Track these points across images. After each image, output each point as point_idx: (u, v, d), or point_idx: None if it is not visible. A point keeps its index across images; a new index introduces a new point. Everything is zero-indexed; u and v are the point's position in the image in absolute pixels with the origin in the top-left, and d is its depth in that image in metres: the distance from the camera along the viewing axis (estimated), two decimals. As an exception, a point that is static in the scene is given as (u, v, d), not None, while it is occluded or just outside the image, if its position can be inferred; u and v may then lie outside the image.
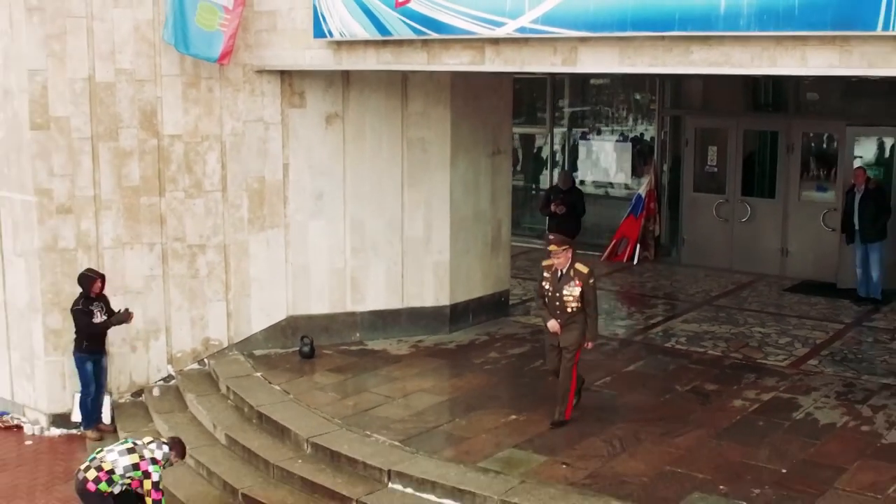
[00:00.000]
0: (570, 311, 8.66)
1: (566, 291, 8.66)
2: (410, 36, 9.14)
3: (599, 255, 15.97)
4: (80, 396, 10.46)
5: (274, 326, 11.22)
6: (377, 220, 11.40)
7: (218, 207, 10.89)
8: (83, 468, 7.77)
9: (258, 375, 10.33)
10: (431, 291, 11.69)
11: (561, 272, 8.72)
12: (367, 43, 9.61)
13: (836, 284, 13.94)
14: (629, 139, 16.94)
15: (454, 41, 8.94)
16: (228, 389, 10.09)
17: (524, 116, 17.44)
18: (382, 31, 9.28)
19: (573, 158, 17.44)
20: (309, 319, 11.27)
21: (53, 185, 10.36)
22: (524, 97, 17.02)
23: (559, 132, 17.67)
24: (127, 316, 10.17)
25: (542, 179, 17.95)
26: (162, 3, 10.31)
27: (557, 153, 17.74)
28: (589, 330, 8.74)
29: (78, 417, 10.58)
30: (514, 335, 11.77)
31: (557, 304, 8.70)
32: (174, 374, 10.93)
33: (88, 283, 10.04)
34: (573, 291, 8.63)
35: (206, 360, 10.98)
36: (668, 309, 13.23)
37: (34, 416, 10.93)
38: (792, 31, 7.22)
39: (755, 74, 9.61)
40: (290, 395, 9.76)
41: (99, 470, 7.61)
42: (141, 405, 10.70)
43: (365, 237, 11.39)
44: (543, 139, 17.90)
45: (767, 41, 7.38)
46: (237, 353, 11.01)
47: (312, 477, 8.23)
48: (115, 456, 7.66)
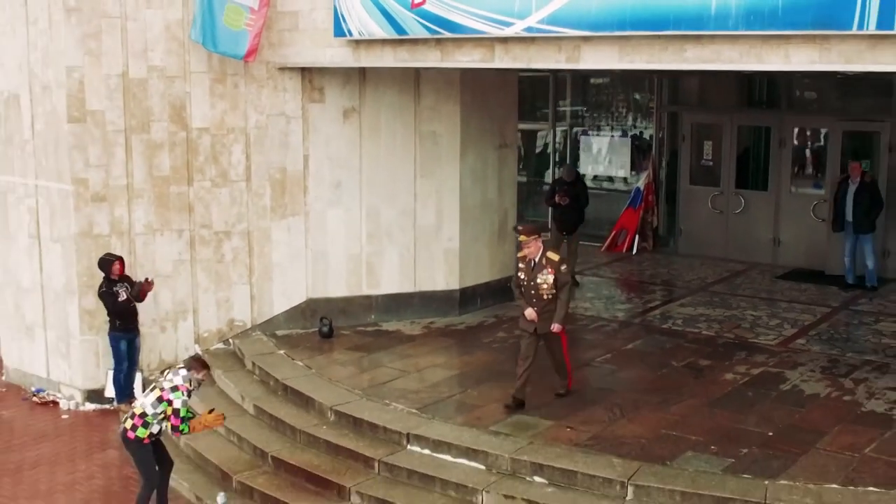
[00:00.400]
0: (545, 298, 9.04)
1: (540, 279, 9.05)
2: (425, 35, 9.84)
3: (600, 245, 16.68)
4: (113, 373, 11.18)
5: (294, 308, 11.93)
6: (391, 208, 12.11)
7: (242, 196, 11.59)
8: (122, 420, 8.47)
9: (281, 353, 11.03)
10: (442, 276, 12.39)
11: (534, 261, 9.09)
12: (384, 42, 10.31)
13: (824, 272, 14.63)
14: (628, 135, 17.65)
15: (466, 40, 9.65)
16: (254, 365, 10.80)
17: (527, 114, 18.11)
18: (399, 30, 9.99)
19: (574, 154, 18.13)
20: (327, 302, 11.97)
21: (89, 174, 11.07)
22: (527, 95, 17.69)
23: (561, 129, 18.38)
24: (146, 285, 10.81)
25: (545, 175, 18.62)
26: (191, 3, 11.00)
27: (559, 149, 18.43)
28: (557, 313, 9.05)
29: (111, 393, 11.29)
30: (518, 318, 12.42)
31: (533, 292, 9.09)
32: (201, 352, 11.60)
33: (108, 266, 10.72)
34: (547, 279, 9.03)
35: (230, 339, 11.67)
36: (665, 294, 13.94)
37: (69, 392, 11.63)
38: (776, 30, 7.94)
39: (744, 70, 10.26)
40: (312, 369, 10.47)
41: (133, 417, 8.26)
42: (170, 381, 11.38)
43: (380, 225, 12.09)
44: (546, 136, 18.59)
45: (754, 40, 8.10)
46: (260, 333, 11.72)
47: (337, 441, 8.94)
48: (143, 399, 8.31)
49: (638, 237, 16.56)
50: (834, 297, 13.59)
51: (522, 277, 9.20)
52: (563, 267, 9.13)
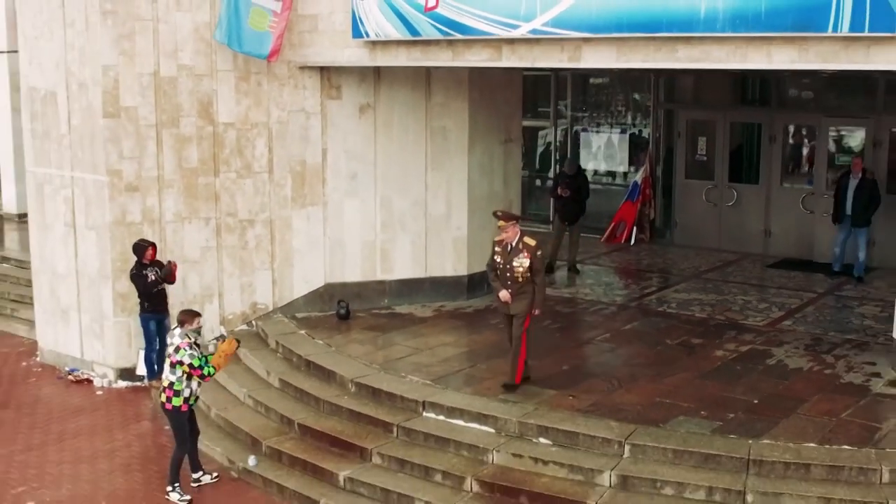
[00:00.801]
0: (520, 281, 9.49)
1: (516, 263, 9.49)
2: (437, 36, 10.64)
3: (600, 236, 17.47)
4: (144, 352, 11.95)
5: (313, 292, 12.72)
6: (404, 199, 12.90)
7: (265, 187, 12.38)
8: (159, 396, 9.26)
9: (302, 333, 11.83)
10: (451, 263, 13.18)
11: (511, 245, 9.54)
12: (398, 42, 11.10)
13: (812, 260, 15.42)
14: (626, 132, 18.43)
15: (476, 41, 10.45)
16: (277, 344, 11.59)
17: (530, 112, 18.87)
18: (413, 32, 10.78)
19: (575, 150, 18.91)
20: (343, 286, 12.76)
21: (123, 166, 11.86)
22: (530, 94, 18.45)
23: (561, 126, 19.16)
24: (172, 266, 11.58)
25: (548, 170, 19.37)
26: (218, 6, 11.79)
27: (560, 145, 19.20)
28: (536, 298, 9.54)
29: (142, 371, 12.06)
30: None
31: (508, 275, 9.53)
32: (226, 333, 12.34)
33: (142, 250, 11.50)
34: (523, 263, 9.46)
35: (253, 321, 12.46)
36: (661, 281, 14.75)
37: (103, 370, 12.42)
38: (759, 32, 8.74)
39: (731, 69, 11.02)
40: (332, 347, 11.26)
41: (164, 391, 9.07)
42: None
43: (393, 214, 12.88)
44: (546, 135, 19.38)
45: (739, 41, 8.89)
46: (281, 315, 12.50)
47: (358, 409, 9.74)
48: (166, 373, 9.07)
49: (636, 229, 17.36)
50: (820, 283, 14.39)
51: (499, 261, 9.63)
52: (538, 252, 9.54)
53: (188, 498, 9.09)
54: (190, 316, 9.15)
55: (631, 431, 8.64)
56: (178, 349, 8.92)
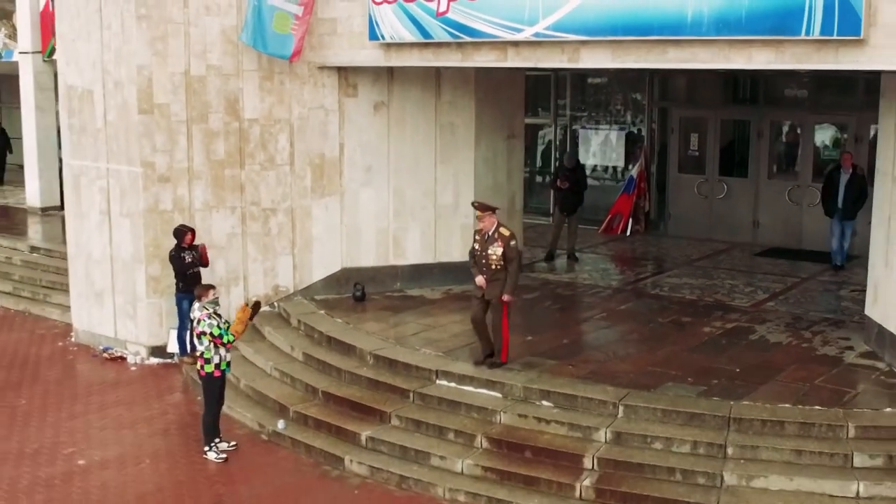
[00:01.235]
0: (494, 268, 10.12)
1: (491, 251, 10.12)
2: (448, 39, 11.58)
3: (597, 228, 18.42)
4: (176, 330, 12.90)
5: (331, 276, 13.68)
6: (415, 189, 13.86)
7: (287, 178, 13.35)
8: (196, 366, 10.21)
9: (321, 313, 12.78)
10: (459, 249, 14.09)
11: (488, 234, 10.19)
12: (412, 45, 12.06)
13: (799, 250, 16.38)
14: (623, 130, 19.39)
15: (483, 43, 11.40)
16: (299, 322, 12.54)
17: (531, 110, 19.81)
18: (425, 35, 11.74)
19: (574, 147, 19.85)
20: (359, 271, 13.72)
21: (156, 158, 12.82)
22: (531, 93, 19.37)
23: (561, 124, 20.12)
24: (201, 248, 12.53)
25: (550, 165, 20.32)
26: (244, 11, 12.74)
27: (560, 143, 20.15)
28: (507, 284, 10.11)
29: (174, 348, 13.01)
30: (526, 285, 14.11)
31: (484, 261, 10.18)
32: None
33: (181, 235, 12.46)
34: (497, 251, 10.09)
35: (275, 303, 13.40)
36: (654, 268, 15.73)
37: (135, 348, 13.37)
38: (741, 35, 9.68)
39: (716, 69, 11.93)
40: (350, 325, 12.22)
41: (198, 360, 10.05)
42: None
43: (405, 203, 13.84)
44: (545, 134, 20.35)
45: (723, 43, 9.85)
46: (301, 297, 13.46)
47: (376, 378, 10.71)
48: (196, 344, 10.07)
49: (631, 220, 18.32)
50: (805, 269, 15.33)
51: (477, 248, 10.28)
52: (512, 242, 10.11)
53: (224, 456, 10.04)
54: (205, 289, 10.16)
55: (624, 394, 9.61)
56: (199, 321, 9.90)
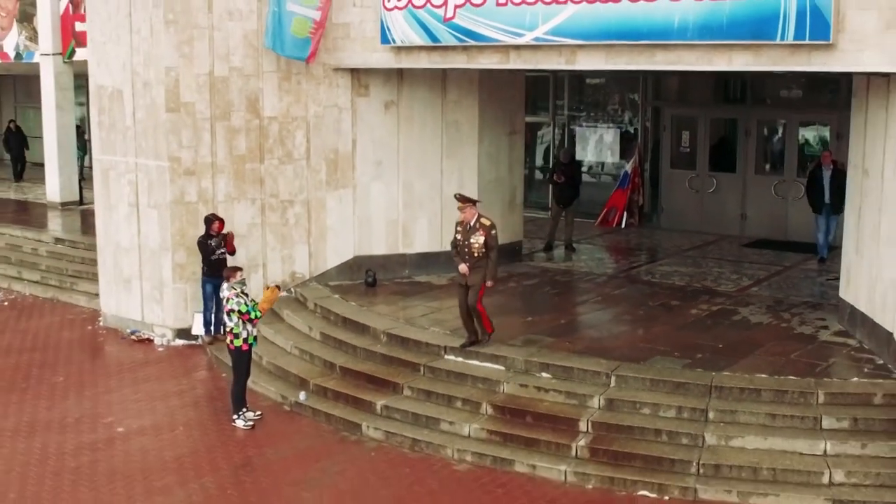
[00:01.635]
0: (476, 255, 10.90)
1: (473, 240, 10.93)
2: (454, 43, 12.55)
3: (593, 221, 19.38)
4: (201, 314, 13.84)
5: (344, 264, 14.64)
6: (422, 182, 14.81)
7: (303, 172, 14.30)
8: (227, 341, 11.17)
9: (336, 297, 13.74)
10: (463, 239, 15.07)
11: (470, 224, 10.96)
12: (420, 48, 13.01)
13: (784, 241, 17.34)
14: (617, 128, 20.36)
15: (487, 47, 12.37)
16: (316, 306, 13.50)
17: (530, 110, 20.75)
18: (434, 39, 12.69)
19: (571, 144, 20.82)
20: (370, 259, 14.68)
21: (182, 153, 13.76)
22: (530, 93, 20.31)
23: (559, 123, 21.09)
24: (230, 236, 13.48)
25: (549, 161, 21.28)
26: (264, 16, 13.69)
27: (559, 141, 21.11)
28: (489, 271, 10.92)
29: (199, 330, 13.96)
30: (526, 273, 15.20)
31: (466, 250, 10.96)
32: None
33: (209, 223, 13.42)
34: (478, 240, 10.90)
35: (292, 288, 14.34)
36: (647, 258, 16.71)
37: (162, 331, 14.31)
38: (722, 40, 10.65)
39: (700, 70, 12.79)
40: (363, 307, 13.18)
41: (228, 336, 11.00)
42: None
43: (413, 196, 14.80)
44: (545, 133, 21.31)
45: (706, 47, 10.81)
46: (316, 283, 14.42)
47: (389, 353, 11.67)
48: (226, 320, 11.02)
49: (626, 214, 19.28)
50: (789, 259, 16.29)
51: (460, 238, 11.06)
52: (493, 231, 10.91)
53: (251, 424, 10.99)
54: (232, 271, 11.12)
55: (616, 366, 10.58)
56: (227, 300, 10.84)
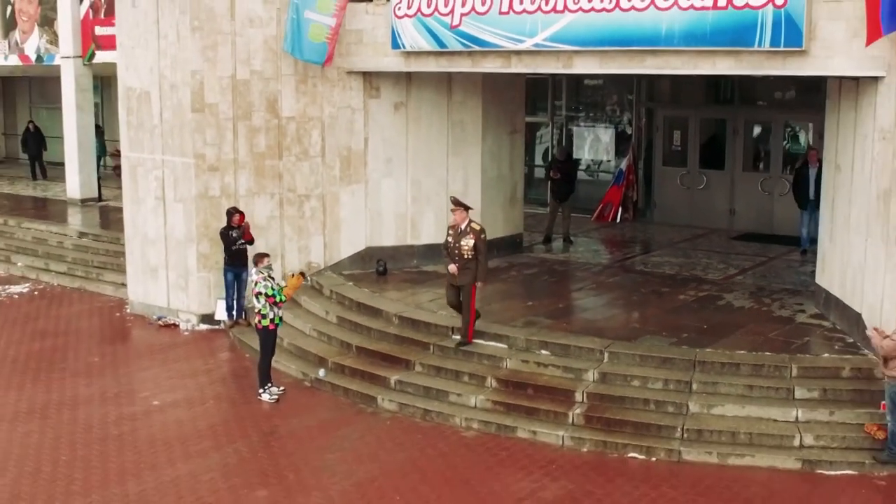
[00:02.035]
0: (466, 257, 11.69)
1: (463, 243, 11.73)
2: (460, 48, 13.58)
3: (590, 216, 20.40)
4: (223, 300, 14.86)
5: (356, 254, 15.68)
6: (429, 178, 15.85)
7: (318, 168, 15.33)
8: (255, 321, 12.18)
9: (350, 284, 14.77)
10: (468, 231, 16.08)
11: (460, 228, 11.79)
12: (429, 53, 14.04)
13: (770, 234, 18.37)
14: (613, 127, 21.38)
15: (490, 52, 13.39)
16: (331, 292, 14.53)
17: (530, 110, 21.75)
18: (441, 45, 13.72)
19: (569, 143, 21.85)
20: (381, 249, 15.70)
21: (206, 151, 14.79)
22: (530, 94, 21.30)
23: (557, 123, 22.11)
24: (246, 226, 14.48)
25: (548, 159, 22.28)
26: (283, 23, 14.71)
27: (556, 140, 22.12)
28: (479, 272, 11.69)
29: (221, 315, 14.98)
30: (526, 263, 16.24)
31: (456, 252, 11.77)
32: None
33: (230, 215, 14.45)
34: (468, 243, 11.68)
35: (308, 277, 15.35)
36: (640, 250, 17.76)
37: (186, 316, 15.34)
38: (706, 47, 11.68)
39: (686, 74, 13.80)
40: (375, 293, 14.22)
41: (255, 315, 12.01)
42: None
43: (421, 191, 15.83)
44: (543, 133, 22.35)
45: (691, 53, 11.85)
46: (331, 272, 15.44)
47: (401, 334, 12.71)
48: (254, 302, 12.02)
49: (621, 209, 20.32)
50: (773, 251, 17.32)
51: (451, 241, 11.86)
52: (482, 235, 11.70)
53: (275, 398, 12.01)
54: (260, 257, 12.17)
55: (609, 344, 11.62)
56: (256, 283, 11.87)
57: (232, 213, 14.38)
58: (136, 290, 16.19)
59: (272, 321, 11.93)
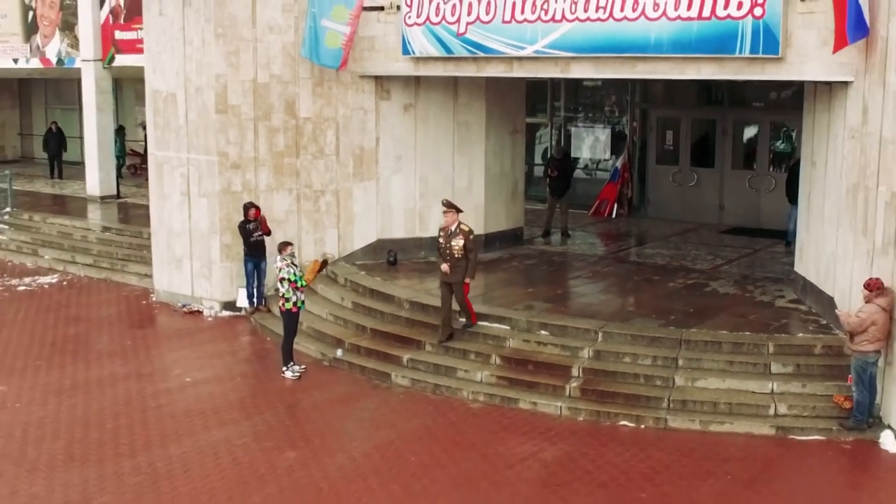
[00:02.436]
0: (456, 256, 12.63)
1: (454, 243, 12.66)
2: (466, 55, 14.68)
3: (587, 211, 21.50)
4: (244, 288, 15.95)
5: (368, 246, 16.78)
6: (436, 175, 16.95)
7: (333, 166, 16.43)
8: (279, 304, 13.27)
9: (363, 273, 15.86)
10: (472, 224, 16.52)
11: (451, 230, 12.70)
12: (436, 58, 15.13)
13: (757, 228, 19.48)
14: (609, 127, 22.49)
15: (494, 58, 14.49)
16: (346, 280, 15.63)
17: (530, 111, 22.82)
18: (448, 51, 14.82)
19: (567, 142, 22.95)
20: (391, 241, 16.80)
21: (229, 149, 15.88)
22: (530, 96, 22.34)
23: (556, 123, 23.21)
24: (263, 220, 15.59)
25: (545, 161, 23.38)
26: (301, 30, 15.81)
27: (555, 140, 23.21)
28: (469, 270, 12.65)
29: (243, 302, 16.07)
30: (527, 254, 17.35)
31: (448, 252, 12.68)
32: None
33: (247, 210, 15.53)
34: (458, 243, 12.63)
35: (329, 263, 16.42)
36: (634, 242, 18.89)
37: (210, 304, 16.42)
38: (692, 54, 12.77)
39: (674, 79, 14.83)
40: (387, 281, 15.32)
41: (279, 299, 13.10)
42: (283, 295, 16.18)
43: (428, 187, 16.93)
44: (541, 135, 23.46)
45: (678, 60, 12.95)
46: (344, 262, 16.54)
47: (412, 317, 13.82)
48: (278, 286, 13.11)
49: (616, 205, 21.43)
50: (759, 243, 18.42)
51: (442, 242, 12.80)
52: (471, 236, 12.69)
53: (297, 375, 13.10)
54: (284, 245, 13.26)
55: (603, 325, 12.72)
56: (280, 269, 12.96)
57: (248, 207, 15.45)
58: (161, 279, 17.28)
59: (294, 304, 13.01)
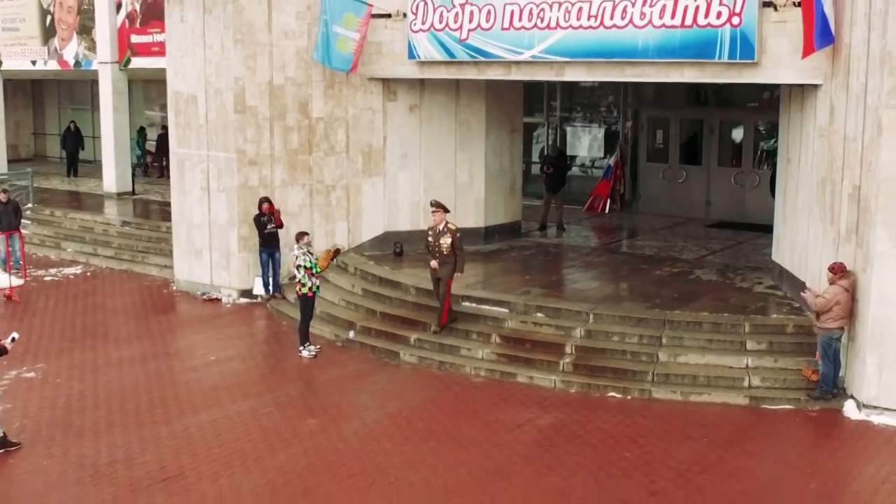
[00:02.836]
0: (445, 253, 13.65)
1: (442, 241, 13.69)
2: (467, 59, 15.83)
3: (581, 207, 22.64)
4: (260, 277, 17.09)
5: (376, 238, 17.92)
6: (439, 171, 18.09)
7: (343, 162, 17.58)
8: (296, 289, 14.40)
9: (371, 263, 16.99)
10: (473, 218, 18.33)
11: (438, 228, 13.78)
12: (440, 62, 16.28)
13: (742, 222, 20.63)
14: (603, 127, 23.64)
15: (493, 62, 15.64)
16: (356, 269, 16.77)
17: (528, 111, 23.94)
18: (450, 55, 15.97)
19: (563, 141, 24.09)
20: (397, 234, 17.94)
21: (246, 147, 17.02)
22: (528, 97, 23.44)
23: (552, 123, 24.36)
24: (277, 213, 16.68)
25: (542, 160, 24.50)
26: (314, 35, 16.94)
27: (552, 139, 24.35)
28: (458, 265, 13.71)
29: (259, 290, 17.20)
30: (524, 246, 18.50)
31: (436, 249, 13.72)
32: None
33: (261, 204, 16.66)
34: (446, 241, 13.65)
35: (342, 251, 17.52)
36: (626, 235, 20.05)
37: (228, 292, 17.56)
38: (676, 59, 13.93)
39: (662, 81, 16.01)
40: (394, 270, 16.45)
41: (297, 284, 14.23)
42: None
43: (432, 182, 18.07)
44: (538, 135, 24.60)
45: (664, 64, 14.10)
46: (354, 253, 17.67)
47: (418, 302, 14.95)
48: (295, 272, 14.25)
49: (609, 201, 22.57)
50: (743, 236, 19.55)
51: (430, 240, 13.86)
52: (457, 234, 13.70)
53: (313, 354, 14.24)
54: (301, 235, 14.39)
55: (594, 307, 13.87)
56: (297, 257, 14.09)
57: (262, 202, 16.58)
58: (181, 269, 18.41)
59: (310, 289, 14.14)
